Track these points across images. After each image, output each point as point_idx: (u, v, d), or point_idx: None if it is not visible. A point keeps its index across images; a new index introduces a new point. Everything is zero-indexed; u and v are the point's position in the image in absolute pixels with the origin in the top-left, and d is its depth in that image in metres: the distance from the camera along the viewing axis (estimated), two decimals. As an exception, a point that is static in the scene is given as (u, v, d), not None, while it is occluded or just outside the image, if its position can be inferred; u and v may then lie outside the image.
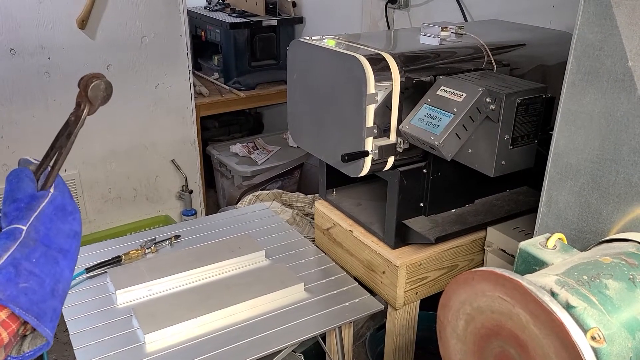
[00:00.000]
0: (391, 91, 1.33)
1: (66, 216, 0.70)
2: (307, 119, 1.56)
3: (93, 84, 0.72)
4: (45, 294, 0.64)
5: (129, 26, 2.50)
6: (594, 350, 0.68)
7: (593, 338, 0.68)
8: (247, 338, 1.37)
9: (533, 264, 0.88)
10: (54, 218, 0.68)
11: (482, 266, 1.57)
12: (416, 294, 1.56)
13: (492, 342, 0.79)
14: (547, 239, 0.90)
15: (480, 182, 1.50)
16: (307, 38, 1.52)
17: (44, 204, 0.68)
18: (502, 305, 0.75)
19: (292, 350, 1.58)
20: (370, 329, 2.02)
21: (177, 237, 1.80)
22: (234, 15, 3.16)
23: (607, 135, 0.91)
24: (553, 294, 0.73)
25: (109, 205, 2.75)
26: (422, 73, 1.37)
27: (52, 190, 0.70)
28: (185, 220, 2.85)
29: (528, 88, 1.27)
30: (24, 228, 0.65)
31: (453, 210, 1.58)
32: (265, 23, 3.08)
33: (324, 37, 1.52)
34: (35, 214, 0.67)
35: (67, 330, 1.40)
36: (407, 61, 1.35)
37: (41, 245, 0.66)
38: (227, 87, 3.10)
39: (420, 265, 1.52)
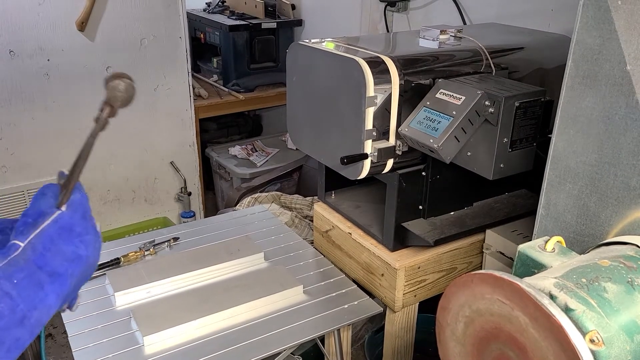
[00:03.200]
0: (390, 94, 1.33)
1: (72, 238, 0.66)
2: (307, 122, 1.56)
3: (111, 83, 0.67)
4: (12, 320, 0.60)
5: (128, 28, 2.50)
6: (593, 353, 0.68)
7: (592, 341, 0.69)
8: (246, 340, 1.37)
9: (532, 267, 0.88)
10: (55, 238, 0.64)
11: (481, 269, 1.57)
12: (415, 296, 1.56)
13: (491, 344, 0.79)
14: (546, 242, 0.90)
15: (479, 184, 1.50)
16: (307, 41, 1.52)
17: (47, 222, 0.64)
18: (501, 308, 0.75)
19: (291, 353, 1.57)
20: (368, 332, 2.02)
21: (175, 239, 1.80)
22: (233, 17, 3.16)
23: (606, 139, 0.91)
24: (552, 297, 0.73)
25: (107, 207, 2.74)
26: (421, 76, 1.37)
27: (63, 208, 0.66)
28: (184, 222, 2.85)
29: (527, 91, 1.27)
30: (22, 245, 0.62)
31: (452, 213, 1.58)
32: (264, 25, 3.09)
33: (323, 40, 1.52)
34: (37, 231, 0.64)
35: (65, 332, 1.40)
36: (406, 64, 1.36)
37: (32, 265, 0.62)
38: (226, 89, 3.10)
39: (419, 267, 1.52)
